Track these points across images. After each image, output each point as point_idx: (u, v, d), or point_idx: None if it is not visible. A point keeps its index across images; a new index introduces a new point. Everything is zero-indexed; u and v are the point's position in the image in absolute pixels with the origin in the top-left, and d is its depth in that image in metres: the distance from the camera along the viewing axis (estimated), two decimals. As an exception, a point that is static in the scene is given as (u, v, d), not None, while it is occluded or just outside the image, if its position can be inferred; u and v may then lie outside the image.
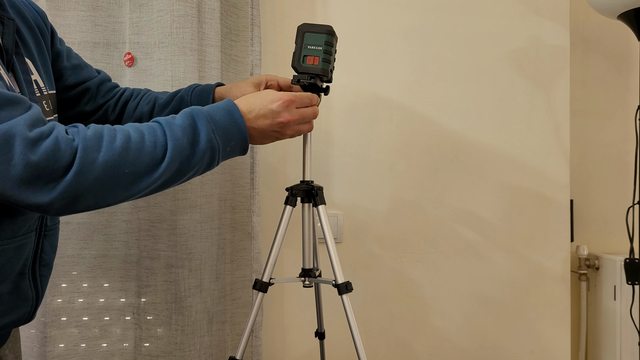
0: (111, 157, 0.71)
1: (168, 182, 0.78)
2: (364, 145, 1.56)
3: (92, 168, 0.69)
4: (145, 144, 0.75)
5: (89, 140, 0.70)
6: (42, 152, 0.66)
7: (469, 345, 1.58)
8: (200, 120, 0.80)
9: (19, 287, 0.83)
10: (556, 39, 1.57)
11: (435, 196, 1.57)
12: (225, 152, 0.84)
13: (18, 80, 0.81)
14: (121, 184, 0.72)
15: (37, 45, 0.91)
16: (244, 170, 1.44)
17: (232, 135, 0.83)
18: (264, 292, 1.06)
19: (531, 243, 1.57)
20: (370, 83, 1.56)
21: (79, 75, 1.04)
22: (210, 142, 0.80)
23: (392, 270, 1.57)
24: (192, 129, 0.79)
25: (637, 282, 1.57)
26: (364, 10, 1.56)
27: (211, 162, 0.82)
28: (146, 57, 1.32)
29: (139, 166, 0.73)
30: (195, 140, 0.79)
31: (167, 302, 1.30)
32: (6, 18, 0.82)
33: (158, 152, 0.75)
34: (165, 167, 0.76)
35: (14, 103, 0.67)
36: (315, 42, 1.04)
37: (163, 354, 1.31)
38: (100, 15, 1.32)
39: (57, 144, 0.67)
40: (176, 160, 0.77)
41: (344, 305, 1.03)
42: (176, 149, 0.77)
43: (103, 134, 0.72)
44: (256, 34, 1.43)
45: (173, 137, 0.77)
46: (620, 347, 1.63)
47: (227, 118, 0.83)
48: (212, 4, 1.33)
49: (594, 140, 1.78)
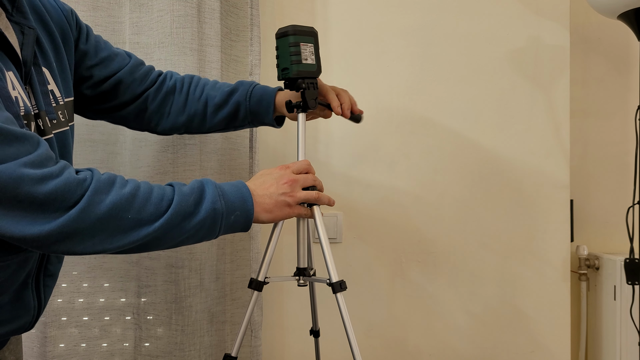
0: (118, 200, 0.72)
1: (167, 237, 0.78)
2: (364, 145, 1.56)
3: (98, 208, 0.71)
4: (152, 196, 0.77)
5: (102, 183, 0.72)
6: (51, 190, 0.67)
7: (469, 345, 1.58)
8: (209, 186, 0.83)
9: (21, 297, 0.83)
10: (556, 39, 1.57)
11: (435, 196, 1.57)
12: (229, 222, 0.84)
13: (35, 91, 0.81)
14: (122, 228, 0.73)
15: (56, 52, 0.90)
16: (243, 171, 1.44)
17: (237, 206, 0.85)
18: (259, 291, 1.07)
19: (531, 243, 1.57)
20: (370, 83, 1.56)
21: (109, 67, 1.03)
22: (214, 204, 0.81)
23: (392, 270, 1.57)
24: (199, 191, 0.82)
25: (637, 282, 1.57)
26: (364, 10, 1.56)
27: (212, 227, 0.82)
28: (146, 57, 1.32)
29: (142, 214, 0.75)
30: (200, 200, 0.81)
31: (167, 302, 1.30)
32: (27, 27, 0.81)
33: (164, 204, 0.77)
34: (166, 219, 0.76)
35: (21, 140, 0.67)
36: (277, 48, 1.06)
37: (163, 353, 1.31)
38: (100, 15, 1.32)
39: (67, 185, 0.69)
40: (179, 214, 0.78)
41: (338, 304, 1.04)
42: (180, 204, 0.78)
43: (116, 180, 0.75)
44: (255, 34, 1.43)
45: (180, 194, 0.79)
46: (620, 347, 1.63)
47: (234, 190, 0.86)
48: (212, 4, 1.33)
49: (594, 140, 1.78)
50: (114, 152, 1.31)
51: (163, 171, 1.30)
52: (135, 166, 1.31)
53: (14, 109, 0.73)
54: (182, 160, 1.30)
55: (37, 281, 0.86)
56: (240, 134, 1.42)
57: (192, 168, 1.30)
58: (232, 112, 1.10)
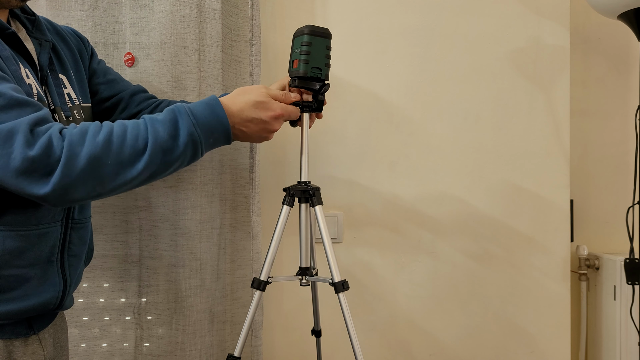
0: (93, 149, 0.77)
1: (156, 173, 0.83)
2: (363, 145, 1.56)
3: (77, 160, 0.75)
4: (127, 138, 0.80)
5: (74, 136, 0.77)
6: (38, 148, 0.73)
7: (469, 345, 1.58)
8: (181, 115, 0.86)
9: (47, 272, 0.88)
10: (556, 39, 1.57)
11: (435, 196, 1.57)
12: (209, 144, 0.89)
13: (51, 92, 0.91)
14: (107, 174, 0.78)
15: (75, 65, 1.02)
16: (244, 170, 1.44)
17: (213, 127, 0.89)
18: (262, 291, 1.08)
19: (531, 243, 1.58)
20: (370, 83, 1.56)
21: (113, 88, 1.13)
22: (192, 135, 0.85)
23: (392, 270, 1.57)
24: (172, 123, 0.85)
25: (637, 282, 1.57)
26: (363, 10, 1.56)
27: (195, 154, 0.87)
28: (147, 58, 1.32)
29: (121, 157, 0.79)
30: (176, 133, 0.84)
31: (168, 302, 1.30)
32: (44, 40, 0.93)
33: (139, 144, 0.81)
34: (147, 159, 0.81)
35: (23, 105, 0.75)
36: (296, 45, 1.08)
37: (164, 353, 1.31)
38: (100, 15, 1.32)
39: (50, 140, 0.74)
40: (158, 152, 0.82)
41: (340, 304, 1.05)
42: (157, 142, 0.82)
43: (88, 130, 0.79)
44: (256, 34, 1.43)
45: (154, 131, 0.83)
46: (620, 347, 1.63)
47: (208, 111, 0.89)
48: (213, 4, 1.33)
49: (594, 140, 1.78)
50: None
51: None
52: (136, 166, 1.31)
53: (25, 88, 0.82)
54: (183, 160, 1.30)
55: (61, 260, 0.91)
56: (240, 134, 1.41)
57: (193, 168, 1.30)
58: None
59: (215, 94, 1.31)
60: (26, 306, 0.85)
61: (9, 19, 0.91)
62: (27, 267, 0.85)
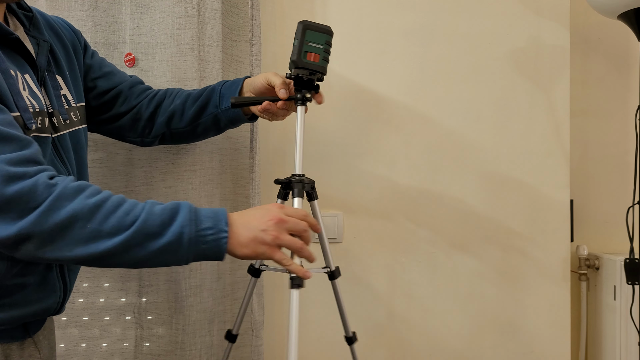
0: (80, 208, 0.72)
1: (124, 255, 0.74)
2: (363, 145, 1.56)
3: (58, 213, 0.70)
4: (120, 209, 0.74)
5: (68, 189, 0.72)
6: (17, 190, 0.69)
7: (468, 345, 1.58)
8: (183, 209, 0.78)
9: (46, 279, 0.87)
10: (556, 39, 1.57)
11: (435, 196, 1.57)
12: (199, 248, 0.78)
13: (49, 94, 0.90)
14: (80, 237, 0.72)
15: (69, 63, 1.00)
16: (244, 170, 1.44)
17: (209, 234, 0.78)
18: (256, 277, 1.13)
19: (531, 243, 1.58)
20: (370, 83, 1.56)
21: (111, 80, 1.12)
22: (183, 228, 0.76)
23: (392, 270, 1.57)
24: (170, 212, 0.77)
25: (637, 282, 1.57)
26: (363, 10, 1.56)
27: (177, 252, 0.77)
28: (147, 58, 1.32)
29: (103, 226, 0.73)
30: (170, 222, 0.76)
31: (168, 302, 1.30)
32: (42, 40, 0.91)
33: (128, 220, 0.74)
34: (127, 236, 0.73)
35: (8, 140, 0.71)
36: (316, 40, 1.07)
37: (164, 352, 1.31)
38: (100, 15, 1.32)
39: (35, 187, 0.70)
40: (142, 233, 0.74)
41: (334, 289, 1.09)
42: (146, 223, 0.75)
43: (86, 189, 0.74)
44: (256, 34, 1.43)
45: (149, 212, 0.76)
46: (620, 347, 1.63)
47: (211, 215, 0.80)
48: (213, 4, 1.33)
49: (594, 140, 1.78)
50: (113, 152, 1.31)
51: (165, 171, 1.30)
52: (137, 166, 1.31)
53: (23, 103, 0.79)
54: (184, 160, 1.30)
55: (60, 265, 0.89)
56: (241, 134, 1.42)
57: (193, 168, 1.31)
58: (207, 98, 1.14)
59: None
60: (27, 312, 0.85)
61: (6, 15, 0.88)
62: (28, 275, 0.83)
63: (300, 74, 1.04)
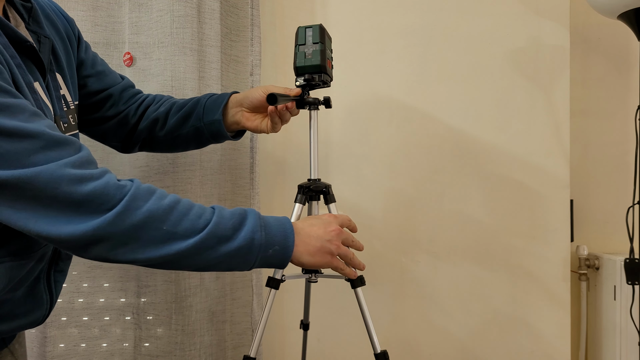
0: (155, 209, 0.71)
1: (196, 257, 0.75)
2: (364, 145, 1.56)
3: (134, 214, 0.70)
4: (191, 212, 0.75)
5: (141, 191, 0.72)
6: (90, 191, 0.68)
7: (469, 345, 1.58)
8: (251, 215, 0.80)
9: (35, 292, 0.84)
10: (556, 39, 1.57)
11: (435, 196, 1.57)
12: (266, 254, 0.80)
13: (51, 97, 0.84)
14: (155, 239, 0.72)
15: (67, 57, 0.94)
16: (243, 170, 1.44)
17: (277, 239, 0.81)
18: (276, 290, 1.06)
19: (531, 243, 1.57)
20: (370, 83, 1.56)
21: (103, 81, 1.05)
22: (254, 233, 0.78)
23: (392, 270, 1.57)
24: (240, 218, 0.79)
25: (637, 282, 1.57)
26: (363, 10, 1.56)
27: (248, 256, 0.78)
28: (145, 57, 1.32)
29: (178, 228, 0.73)
30: (240, 226, 0.78)
31: (167, 302, 1.30)
32: (43, 37, 0.85)
33: (200, 223, 0.75)
34: (200, 239, 0.74)
35: (63, 144, 0.69)
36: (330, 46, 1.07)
37: (163, 353, 1.31)
38: (99, 15, 1.32)
39: (107, 187, 0.69)
40: (215, 236, 0.75)
41: (358, 298, 1.06)
42: (218, 226, 0.76)
43: (156, 190, 0.74)
44: (256, 34, 1.43)
45: (219, 216, 0.77)
46: (620, 347, 1.63)
47: (277, 224, 0.82)
48: (212, 4, 1.33)
49: (594, 140, 1.78)
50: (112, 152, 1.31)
51: (163, 171, 1.30)
52: (135, 166, 1.31)
53: (49, 118, 0.76)
54: (182, 160, 1.30)
55: (48, 277, 0.87)
56: (240, 133, 1.42)
57: (192, 168, 1.30)
58: (191, 108, 1.09)
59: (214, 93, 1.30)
60: (13, 326, 0.82)
61: (5, 8, 0.82)
62: (17, 289, 0.81)
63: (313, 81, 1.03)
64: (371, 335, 1.07)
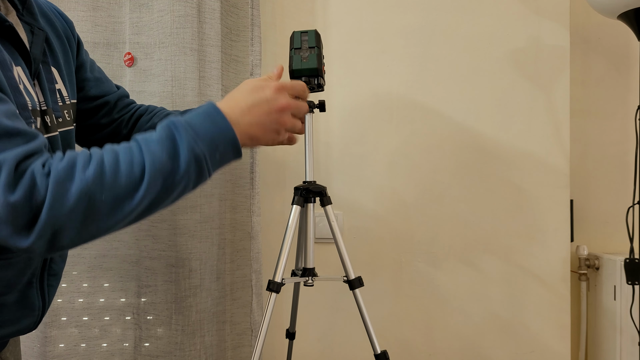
0: (84, 185, 0.65)
1: (155, 202, 0.71)
2: (363, 145, 1.56)
3: (65, 199, 0.63)
4: (120, 166, 0.68)
5: (61, 171, 0.65)
6: (20, 190, 0.62)
7: (468, 345, 1.58)
8: (179, 131, 0.72)
9: (26, 297, 0.82)
10: (556, 39, 1.57)
11: (435, 196, 1.57)
12: (215, 160, 0.75)
13: (43, 89, 0.81)
14: (102, 212, 0.66)
15: (65, 55, 0.91)
16: (243, 170, 1.44)
17: (217, 140, 0.75)
18: (277, 293, 1.05)
19: (531, 243, 1.57)
20: (370, 83, 1.56)
21: (100, 87, 1.03)
22: (193, 151, 0.72)
23: (392, 270, 1.57)
24: (170, 141, 0.71)
25: (637, 282, 1.57)
26: (363, 10, 1.56)
27: (200, 174, 0.74)
28: (146, 57, 1.32)
29: (116, 190, 0.67)
30: (176, 153, 0.71)
31: (167, 302, 1.30)
32: (36, 28, 0.82)
33: (135, 171, 0.68)
34: (146, 187, 0.68)
35: (13, 135, 0.65)
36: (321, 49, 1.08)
37: (163, 353, 1.31)
38: (100, 15, 1.32)
39: (32, 180, 0.63)
40: (157, 177, 0.69)
41: (357, 300, 1.06)
42: (155, 165, 0.69)
43: (76, 163, 0.67)
44: (256, 34, 1.44)
45: (150, 153, 0.70)
46: (620, 347, 1.63)
47: (207, 122, 0.75)
48: (212, 4, 1.33)
49: (594, 140, 1.78)
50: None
51: (163, 171, 1.30)
52: (136, 166, 1.31)
53: (22, 100, 0.73)
54: (182, 160, 1.30)
55: (41, 281, 0.84)
56: (240, 134, 1.42)
57: (192, 168, 1.30)
58: None
59: (215, 93, 1.31)
60: (3, 334, 0.80)
61: None
62: (7, 294, 0.78)
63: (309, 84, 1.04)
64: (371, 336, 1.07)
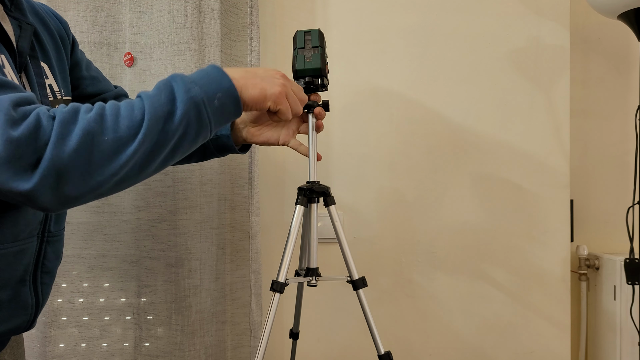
0: (87, 124, 0.65)
1: (157, 147, 0.70)
2: (364, 145, 1.56)
3: (69, 138, 0.64)
4: (120, 109, 0.69)
5: (66, 114, 0.66)
6: (24, 128, 0.62)
7: (468, 345, 1.58)
8: (176, 80, 0.74)
9: (19, 295, 0.81)
10: (556, 39, 1.57)
11: (435, 196, 1.57)
12: (214, 107, 0.75)
13: (31, 82, 0.80)
14: (105, 153, 0.66)
15: (57, 52, 0.91)
16: (243, 170, 1.44)
17: (214, 85, 0.75)
18: (280, 293, 1.05)
19: (531, 243, 1.57)
20: (370, 83, 1.56)
21: (97, 86, 1.03)
22: (189, 92, 0.72)
23: (392, 270, 1.57)
24: (167, 87, 0.72)
25: (637, 282, 1.57)
26: (364, 10, 1.56)
27: (199, 119, 0.73)
28: (146, 57, 1.32)
29: (119, 131, 0.67)
30: (174, 96, 0.71)
31: (167, 302, 1.30)
32: (24, 23, 0.82)
33: (136, 114, 0.69)
34: (146, 128, 0.68)
35: (3, 86, 0.65)
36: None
37: (163, 353, 1.31)
38: (100, 15, 1.32)
39: (38, 119, 0.63)
40: (157, 119, 0.70)
41: (360, 300, 1.06)
42: (154, 107, 0.70)
43: (80, 108, 0.68)
44: (255, 34, 1.44)
45: (149, 98, 0.71)
46: (620, 347, 1.63)
47: (203, 73, 0.76)
48: (212, 4, 1.33)
49: (594, 140, 1.78)
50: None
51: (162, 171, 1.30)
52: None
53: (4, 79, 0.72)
54: (182, 160, 1.30)
55: (34, 278, 0.83)
56: (240, 134, 1.42)
57: (191, 168, 1.31)
58: None
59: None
60: None
61: None
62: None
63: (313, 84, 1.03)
64: (374, 337, 1.07)
